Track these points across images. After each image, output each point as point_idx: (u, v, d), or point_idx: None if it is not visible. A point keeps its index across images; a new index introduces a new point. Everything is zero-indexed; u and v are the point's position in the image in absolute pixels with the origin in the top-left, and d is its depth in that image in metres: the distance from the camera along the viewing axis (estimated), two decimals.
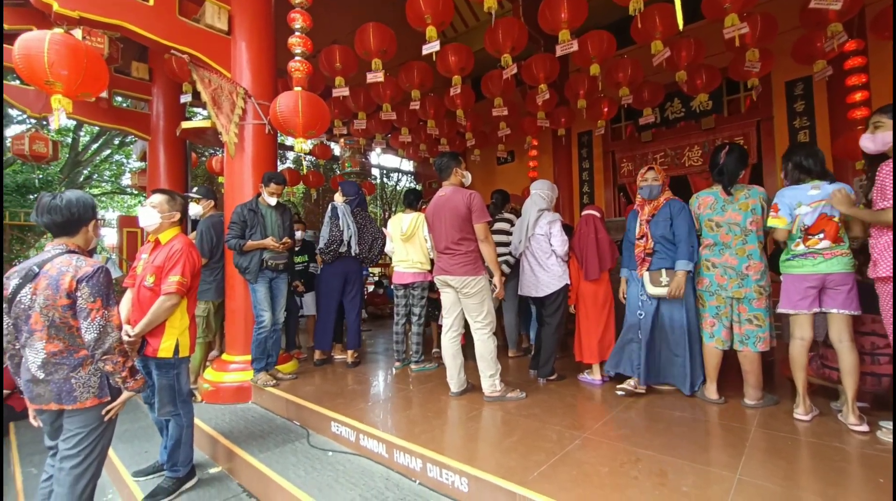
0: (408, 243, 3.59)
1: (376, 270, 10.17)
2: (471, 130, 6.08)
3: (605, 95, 5.28)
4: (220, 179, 6.93)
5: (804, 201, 2.33)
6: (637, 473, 1.88)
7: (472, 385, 3.07)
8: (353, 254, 3.85)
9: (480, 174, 7.86)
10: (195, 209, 3.88)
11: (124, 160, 13.45)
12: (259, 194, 3.48)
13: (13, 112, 10.47)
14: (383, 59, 4.23)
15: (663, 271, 2.73)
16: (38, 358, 1.66)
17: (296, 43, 3.29)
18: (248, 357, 3.55)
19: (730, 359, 2.73)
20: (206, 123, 4.64)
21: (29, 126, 8.86)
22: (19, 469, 3.10)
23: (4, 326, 1.68)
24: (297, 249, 4.58)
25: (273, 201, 3.46)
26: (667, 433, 2.27)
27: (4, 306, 1.66)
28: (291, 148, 9.98)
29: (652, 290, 2.77)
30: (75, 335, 1.70)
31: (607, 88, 4.98)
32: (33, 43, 2.78)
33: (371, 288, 8.09)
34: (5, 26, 4.81)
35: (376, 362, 4.17)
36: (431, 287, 3.64)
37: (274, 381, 3.34)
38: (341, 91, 4.23)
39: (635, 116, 6.09)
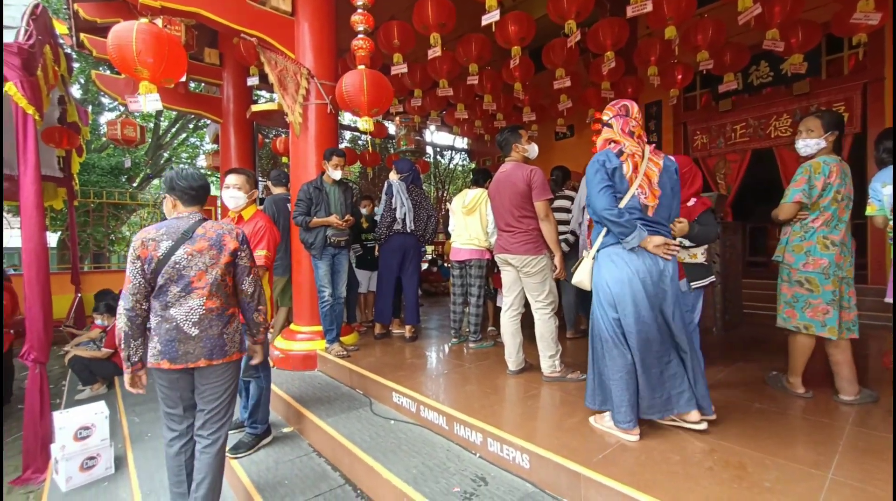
0: (469, 218, 3.57)
1: (429, 247, 10.33)
2: (529, 104, 5.86)
3: (679, 60, 4.84)
4: (284, 159, 7.26)
5: (888, 181, 2.21)
6: (712, 463, 1.78)
7: (530, 364, 3.05)
8: (409, 230, 3.90)
9: (538, 150, 7.62)
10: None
11: (198, 143, 14.46)
12: (323, 172, 3.59)
13: (105, 100, 11.55)
14: (441, 33, 4.14)
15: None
16: (194, 315, 1.77)
17: (358, 20, 3.30)
18: (315, 328, 3.76)
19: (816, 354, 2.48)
20: (273, 106, 4.85)
21: (119, 113, 9.74)
22: (125, 418, 3.53)
23: (133, 286, 1.74)
24: (365, 226, 4.74)
25: (337, 174, 3.54)
26: (743, 424, 2.13)
27: (151, 265, 1.73)
28: (347, 127, 10.23)
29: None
30: (228, 293, 1.88)
31: (683, 53, 4.56)
32: (123, 33, 3.00)
33: (425, 266, 8.22)
34: (97, 20, 5.26)
35: (432, 337, 4.25)
36: (490, 266, 3.61)
37: (345, 352, 3.52)
38: (400, 68, 4.21)
39: (712, 83, 5.56)
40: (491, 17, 3.62)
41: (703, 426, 2.03)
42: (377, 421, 2.66)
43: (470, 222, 3.58)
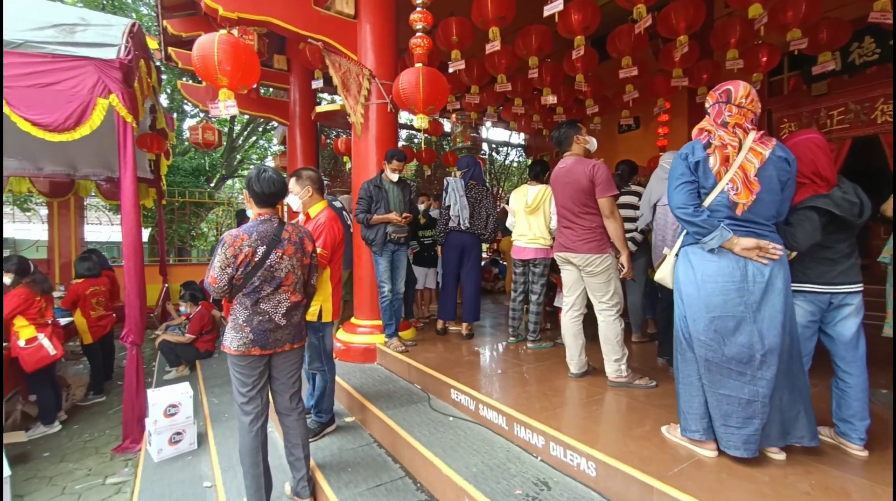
0: (531, 217, 3.48)
1: (482, 245, 10.27)
2: (591, 96, 5.61)
3: (764, 41, 4.39)
4: (345, 158, 7.53)
5: None
6: (808, 488, 1.60)
7: (593, 368, 2.92)
8: (464, 228, 3.89)
9: (600, 144, 7.26)
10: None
11: (266, 145, 15.41)
12: (382, 171, 3.68)
13: (187, 108, 12.63)
14: (500, 27, 4.06)
15: None
16: (282, 308, 1.99)
17: (417, 18, 3.33)
18: (374, 322, 3.87)
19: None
20: (336, 107, 5.03)
21: (200, 118, 10.60)
22: (205, 399, 3.84)
23: (218, 288, 1.88)
24: (422, 222, 4.81)
25: (395, 176, 3.62)
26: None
27: (248, 268, 1.89)
28: (404, 126, 10.41)
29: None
30: (305, 288, 2.13)
31: (769, 33, 4.13)
32: (206, 44, 3.24)
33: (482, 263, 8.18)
34: (182, 35, 5.76)
35: (488, 336, 4.22)
36: (554, 265, 3.51)
37: (403, 347, 3.58)
38: (458, 65, 4.19)
39: (804, 64, 4.99)
40: (554, 7, 3.50)
41: (781, 456, 1.81)
42: (436, 417, 2.67)
43: (533, 221, 3.48)
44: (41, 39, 3.01)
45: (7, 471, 2.61)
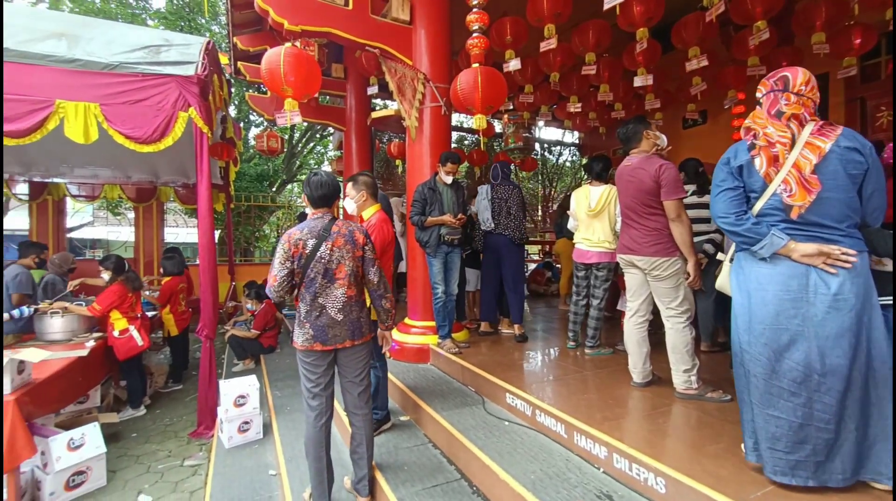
0: (595, 220, 3.34)
1: (533, 248, 10.07)
2: (652, 91, 5.33)
3: (857, 21, 3.95)
4: (397, 162, 7.69)
5: None
6: None
7: (659, 377, 2.76)
8: (489, 229, 3.98)
9: None
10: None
11: (323, 150, 16.11)
12: (436, 173, 3.71)
13: (252, 117, 13.51)
14: (556, 24, 3.97)
15: None
16: (338, 303, 2.04)
17: (473, 19, 3.32)
18: (428, 323, 3.91)
19: None
20: (391, 111, 5.16)
21: (264, 127, 11.28)
22: (269, 392, 4.07)
23: (278, 285, 1.99)
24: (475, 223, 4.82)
25: (449, 179, 3.64)
26: None
27: (301, 261, 1.99)
28: (454, 128, 10.46)
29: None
30: (361, 283, 2.15)
31: (864, 11, 3.71)
32: (273, 58, 3.44)
33: (532, 265, 8.03)
34: (250, 49, 6.16)
35: (542, 339, 4.12)
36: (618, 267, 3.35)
37: (457, 348, 3.59)
38: (513, 65, 4.14)
39: None
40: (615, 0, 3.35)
41: (887, 486, 1.58)
42: (491, 421, 2.64)
43: (597, 224, 3.33)
44: (133, 60, 3.33)
45: (103, 448, 2.91)
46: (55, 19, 3.86)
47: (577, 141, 10.39)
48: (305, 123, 11.31)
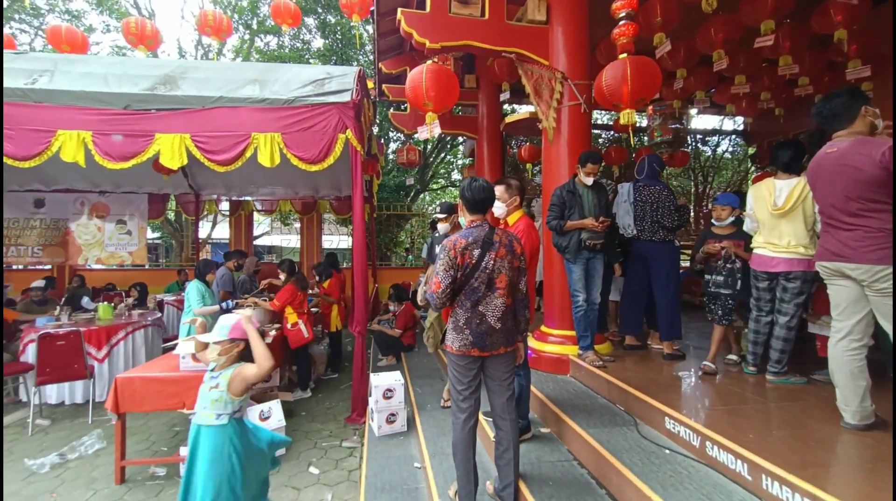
0: (783, 220, 2.74)
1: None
2: (855, 56, 4.23)
3: None
4: (528, 165, 7.59)
5: None
6: None
7: (882, 420, 2.14)
8: (632, 235, 3.69)
9: None
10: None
11: (452, 159, 16.83)
12: (575, 175, 3.51)
13: (391, 134, 14.84)
14: None
15: None
16: (498, 312, 2.05)
17: (620, 6, 3.06)
18: (566, 332, 3.72)
19: None
20: (525, 114, 5.11)
21: (402, 141, 12.28)
22: (412, 388, 4.33)
23: (442, 292, 2.01)
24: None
25: (590, 180, 3.42)
26: None
27: (466, 270, 2.01)
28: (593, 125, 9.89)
29: None
30: (515, 291, 2.14)
31: None
32: (416, 76, 3.69)
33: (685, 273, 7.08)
34: (392, 72, 6.77)
35: (698, 358, 3.56)
36: (816, 278, 2.71)
37: (600, 362, 3.34)
38: (663, 48, 3.72)
39: None
40: None
41: None
42: (647, 446, 2.37)
43: (786, 226, 2.75)
44: (304, 94, 3.91)
45: (283, 421, 3.44)
46: (249, 69, 4.75)
47: (739, 128, 8.87)
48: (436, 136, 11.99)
